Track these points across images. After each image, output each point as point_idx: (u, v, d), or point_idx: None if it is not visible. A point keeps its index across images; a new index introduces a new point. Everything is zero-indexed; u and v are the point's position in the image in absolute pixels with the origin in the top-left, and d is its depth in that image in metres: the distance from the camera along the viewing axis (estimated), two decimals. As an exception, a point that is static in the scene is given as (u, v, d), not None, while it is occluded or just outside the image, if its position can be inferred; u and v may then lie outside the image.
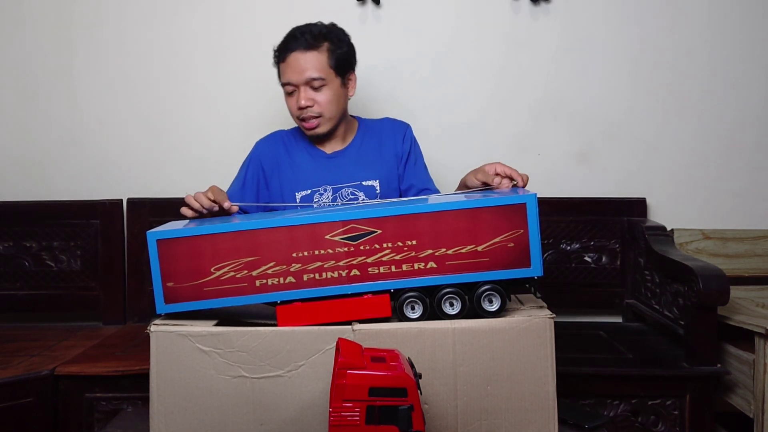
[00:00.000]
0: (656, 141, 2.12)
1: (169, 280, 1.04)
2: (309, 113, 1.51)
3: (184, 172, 2.13)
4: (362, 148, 1.61)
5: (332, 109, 1.52)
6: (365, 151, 1.61)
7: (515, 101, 2.12)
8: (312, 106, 1.51)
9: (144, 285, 2.01)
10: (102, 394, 1.61)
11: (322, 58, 1.50)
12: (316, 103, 1.51)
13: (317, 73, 1.49)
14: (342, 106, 1.56)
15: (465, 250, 1.02)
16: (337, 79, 1.52)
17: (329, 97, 1.51)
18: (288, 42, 1.52)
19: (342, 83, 1.54)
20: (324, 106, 1.51)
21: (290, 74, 1.51)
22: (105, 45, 2.11)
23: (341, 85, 1.54)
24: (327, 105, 1.51)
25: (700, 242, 2.06)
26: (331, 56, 1.51)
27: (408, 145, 1.63)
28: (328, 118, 1.53)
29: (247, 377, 1.00)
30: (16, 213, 2.04)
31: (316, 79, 1.49)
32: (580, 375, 1.58)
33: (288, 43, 1.52)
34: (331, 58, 1.51)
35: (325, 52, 1.50)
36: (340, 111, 1.55)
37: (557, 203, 2.05)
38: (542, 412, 1.01)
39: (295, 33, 1.52)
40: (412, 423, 0.83)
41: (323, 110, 1.52)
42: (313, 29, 1.53)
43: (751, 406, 1.60)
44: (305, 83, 1.49)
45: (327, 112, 1.52)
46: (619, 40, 2.09)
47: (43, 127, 2.13)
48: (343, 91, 1.55)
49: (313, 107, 1.51)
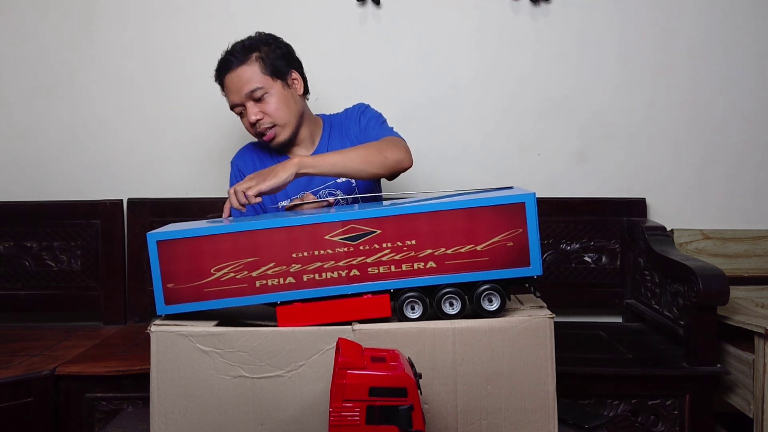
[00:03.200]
0: (656, 141, 2.12)
1: (169, 281, 1.04)
2: (262, 126, 1.50)
3: (184, 172, 2.13)
4: (330, 146, 1.59)
5: (283, 114, 1.50)
6: (333, 148, 1.58)
7: (515, 101, 2.12)
8: (262, 119, 1.49)
9: (144, 285, 2.01)
10: (102, 394, 1.62)
11: (254, 69, 1.48)
12: (266, 114, 1.49)
13: (253, 84, 1.48)
14: (294, 109, 1.53)
15: (464, 250, 1.02)
16: (276, 83, 1.50)
17: (275, 104, 1.49)
18: (219, 69, 1.52)
19: (284, 85, 1.52)
20: (273, 114, 1.49)
21: (232, 96, 1.51)
22: (106, 45, 2.11)
23: (283, 87, 1.51)
24: (276, 112, 1.49)
25: (699, 242, 2.06)
26: (263, 63, 1.49)
27: (362, 123, 1.59)
28: (283, 125, 1.51)
29: (248, 377, 1.00)
30: (17, 213, 2.05)
31: (254, 90, 1.48)
32: (580, 375, 1.59)
33: (220, 69, 1.52)
34: (264, 65, 1.49)
35: (255, 62, 1.49)
36: (293, 114, 1.53)
37: (557, 203, 2.05)
38: (542, 411, 1.01)
39: (224, 56, 1.52)
40: (412, 423, 0.83)
41: (274, 118, 1.50)
42: (236, 46, 1.52)
43: (750, 406, 1.60)
44: (247, 99, 1.48)
45: (279, 119, 1.50)
46: (618, 40, 2.10)
47: (44, 127, 2.13)
48: (289, 93, 1.53)
49: (264, 119, 1.49)
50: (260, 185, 1.26)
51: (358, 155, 1.37)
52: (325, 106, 1.99)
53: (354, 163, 1.36)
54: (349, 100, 1.95)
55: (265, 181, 1.27)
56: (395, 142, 1.46)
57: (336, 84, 2.10)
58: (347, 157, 1.36)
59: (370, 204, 1.29)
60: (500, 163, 2.13)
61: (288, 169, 1.29)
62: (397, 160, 1.41)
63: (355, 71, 2.11)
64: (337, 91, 2.09)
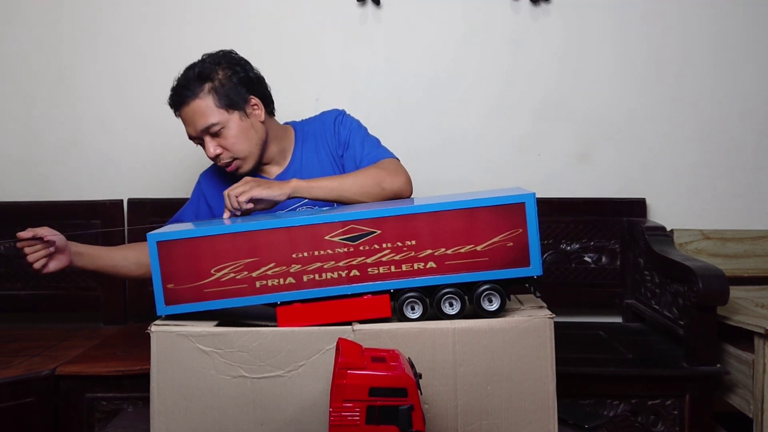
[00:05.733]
0: (656, 141, 2.12)
1: (169, 282, 1.04)
2: (223, 160, 1.43)
3: (184, 172, 2.13)
4: (304, 159, 1.52)
5: (242, 147, 1.42)
6: (307, 160, 1.51)
7: (515, 102, 2.12)
8: (221, 153, 1.42)
9: (144, 285, 2.01)
10: (103, 394, 1.62)
11: (207, 102, 1.39)
12: (224, 149, 1.42)
13: (208, 120, 1.39)
14: (255, 138, 1.44)
15: (464, 250, 1.02)
16: (233, 115, 1.41)
17: (233, 138, 1.41)
18: (173, 101, 1.44)
19: (242, 116, 1.42)
20: (232, 149, 1.41)
21: (188, 129, 1.44)
22: (106, 46, 2.11)
23: (241, 118, 1.42)
24: (234, 146, 1.41)
25: (699, 242, 2.06)
26: (217, 95, 1.39)
27: (343, 135, 1.51)
28: (244, 157, 1.43)
29: (248, 377, 1.00)
30: (17, 213, 2.05)
31: (209, 126, 1.39)
32: (580, 375, 1.59)
33: (173, 102, 1.44)
34: (218, 97, 1.39)
35: (208, 95, 1.39)
36: (254, 144, 1.44)
37: (557, 203, 2.05)
38: (542, 411, 1.01)
39: (175, 87, 1.44)
40: (412, 423, 0.83)
41: (234, 152, 1.42)
42: (188, 75, 1.42)
43: (750, 406, 1.60)
44: (203, 133, 1.41)
45: (239, 152, 1.42)
46: (618, 40, 2.10)
47: (44, 127, 2.13)
48: (248, 123, 1.43)
49: (223, 153, 1.42)
50: (253, 191, 1.26)
51: (355, 184, 1.34)
52: (324, 106, 1.99)
53: (349, 192, 1.34)
54: (349, 100, 1.96)
55: (259, 188, 1.27)
56: (394, 169, 1.41)
57: (336, 84, 2.10)
58: (343, 185, 1.35)
59: (370, 204, 1.30)
60: (500, 163, 2.13)
61: (283, 189, 1.29)
62: (395, 191, 1.37)
63: (355, 71, 2.11)
64: (337, 91, 2.09)
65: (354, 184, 1.35)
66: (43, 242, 1.31)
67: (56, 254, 1.34)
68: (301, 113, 1.81)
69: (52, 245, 1.32)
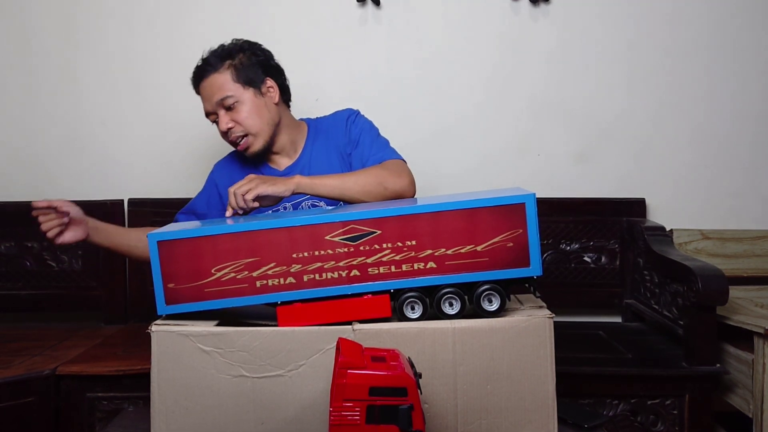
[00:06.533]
0: (655, 141, 2.12)
1: (170, 282, 1.04)
2: (234, 135, 1.47)
3: (185, 172, 2.13)
4: (314, 154, 1.55)
5: (255, 123, 1.47)
6: (316, 155, 1.54)
7: (515, 102, 2.12)
8: (233, 127, 1.46)
9: (145, 285, 2.01)
10: (103, 393, 1.62)
11: (226, 77, 1.46)
12: (236, 123, 1.46)
13: (224, 92, 1.45)
14: (267, 117, 1.49)
15: (464, 250, 1.03)
16: (248, 91, 1.47)
17: (246, 112, 1.46)
18: (194, 77, 1.50)
19: (256, 94, 1.48)
20: (244, 123, 1.46)
21: (205, 104, 1.49)
22: (108, 45, 2.11)
23: (255, 95, 1.48)
24: (247, 120, 1.46)
25: (699, 242, 2.06)
26: (235, 71, 1.46)
27: (354, 134, 1.54)
28: (255, 133, 1.47)
29: (248, 377, 1.01)
30: (18, 213, 2.04)
31: (224, 98, 1.45)
32: (579, 375, 1.59)
33: (194, 77, 1.50)
34: (236, 73, 1.46)
35: (227, 70, 1.46)
36: (266, 122, 1.49)
37: (557, 203, 2.06)
38: (542, 411, 1.01)
39: (198, 65, 1.50)
40: (412, 422, 0.84)
41: (246, 127, 1.46)
42: (211, 55, 1.49)
43: (750, 405, 1.60)
44: (218, 107, 1.46)
45: (250, 127, 1.47)
46: (618, 40, 2.10)
47: (46, 127, 2.13)
48: (262, 101, 1.48)
49: (235, 128, 1.47)
50: (258, 188, 1.27)
51: (357, 184, 1.36)
52: (324, 107, 1.99)
53: (351, 191, 1.35)
54: (349, 100, 1.95)
55: (264, 185, 1.28)
56: (398, 170, 1.42)
57: (336, 85, 2.10)
58: (345, 183, 1.36)
59: (370, 204, 1.30)
60: (500, 163, 2.13)
61: (287, 185, 1.31)
62: (398, 192, 1.38)
63: (355, 72, 2.11)
64: (337, 91, 2.09)
65: (356, 183, 1.36)
66: (58, 212, 1.34)
67: (72, 226, 1.38)
68: (301, 113, 1.81)
69: (67, 215, 1.35)
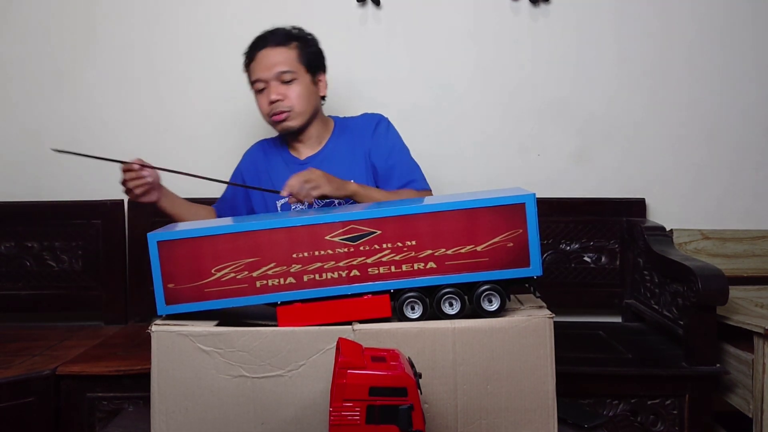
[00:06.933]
0: (655, 141, 2.12)
1: (169, 282, 1.04)
2: (279, 107, 1.51)
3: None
4: (336, 150, 1.59)
5: (302, 104, 1.52)
6: (339, 151, 1.59)
7: (515, 102, 2.12)
8: (283, 100, 1.51)
9: (145, 285, 2.01)
10: (103, 393, 1.62)
11: (292, 54, 1.51)
12: (287, 98, 1.51)
13: (287, 66, 1.50)
14: (313, 104, 1.55)
15: (464, 250, 1.03)
16: (307, 76, 1.53)
17: (299, 92, 1.51)
18: (257, 42, 1.54)
19: (311, 81, 1.54)
20: (294, 101, 1.51)
21: (260, 71, 1.52)
22: (108, 45, 2.11)
23: (311, 82, 1.54)
24: (297, 99, 1.51)
25: (699, 242, 2.06)
26: (301, 53, 1.53)
27: (379, 139, 1.59)
28: (298, 113, 1.52)
29: (248, 377, 1.01)
30: (18, 213, 2.05)
31: (286, 72, 1.50)
32: (579, 375, 1.59)
33: (257, 42, 1.54)
34: (301, 55, 1.52)
35: (294, 49, 1.52)
36: (311, 108, 1.55)
37: (557, 203, 2.06)
38: (542, 411, 1.01)
39: (264, 33, 1.55)
40: (412, 422, 0.84)
41: (293, 104, 1.51)
42: (280, 30, 1.55)
43: (750, 405, 1.60)
44: (275, 78, 1.50)
45: (297, 106, 1.51)
46: (618, 40, 2.10)
47: (45, 127, 2.13)
48: (314, 90, 1.56)
49: (284, 101, 1.51)
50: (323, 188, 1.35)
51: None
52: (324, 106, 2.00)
53: None
54: (349, 100, 1.96)
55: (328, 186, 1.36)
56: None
57: (336, 84, 2.09)
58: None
59: (370, 204, 1.30)
60: (500, 163, 2.13)
61: (346, 191, 1.40)
62: None
63: (355, 72, 2.11)
64: (337, 91, 2.08)
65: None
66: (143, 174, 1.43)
67: (152, 189, 1.46)
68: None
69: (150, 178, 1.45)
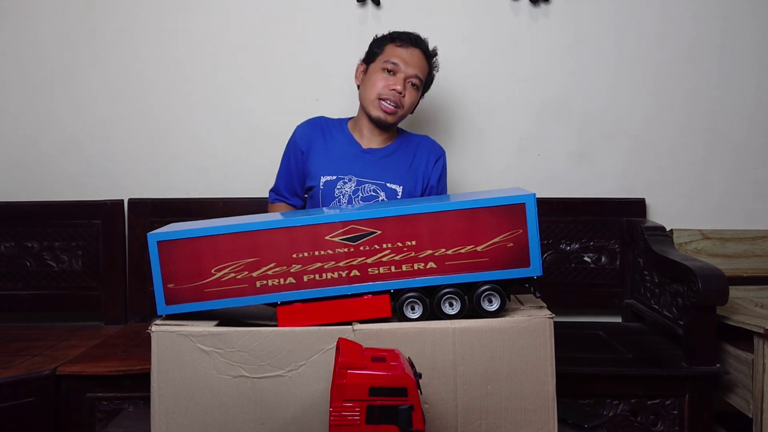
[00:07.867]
0: (655, 141, 2.12)
1: (169, 282, 1.04)
2: (394, 99, 1.62)
3: (185, 173, 2.13)
4: (396, 154, 1.69)
5: (408, 110, 1.67)
6: (398, 157, 1.69)
7: (515, 102, 2.12)
8: (401, 97, 1.63)
9: (145, 285, 2.01)
10: (103, 393, 1.62)
11: (426, 69, 1.68)
12: (403, 96, 1.63)
13: (422, 73, 1.65)
14: (409, 113, 1.70)
15: (464, 251, 1.03)
16: (420, 91, 1.69)
17: (413, 100, 1.66)
18: (415, 39, 1.67)
19: (419, 97, 1.70)
20: (407, 104, 1.65)
21: (404, 61, 1.63)
22: (108, 46, 2.11)
23: (418, 96, 1.69)
24: (409, 105, 1.66)
25: (699, 242, 2.06)
26: (430, 73, 1.70)
27: (438, 171, 1.72)
28: (401, 115, 1.66)
29: (248, 377, 1.01)
30: (18, 213, 2.05)
31: (418, 79, 1.64)
32: (579, 375, 1.59)
33: (415, 39, 1.67)
34: (428, 75, 1.70)
35: (428, 66, 1.68)
36: (408, 113, 1.70)
37: (557, 203, 2.06)
38: (542, 411, 1.01)
39: (418, 35, 1.68)
40: (412, 422, 0.84)
41: (405, 105, 1.64)
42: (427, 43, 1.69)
43: (750, 405, 1.60)
44: (410, 77, 1.63)
45: (405, 110, 1.66)
46: (618, 40, 2.10)
47: (46, 127, 2.13)
48: (417, 103, 1.71)
49: (402, 97, 1.63)
50: None
51: None
52: (324, 107, 2.00)
53: None
54: (349, 100, 1.96)
55: None
56: None
57: (336, 84, 2.10)
58: None
59: (370, 204, 1.30)
60: (500, 163, 2.13)
61: None
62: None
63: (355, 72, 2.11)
64: (337, 91, 2.09)
65: None
66: None
67: None
68: (301, 113, 1.82)
69: None
